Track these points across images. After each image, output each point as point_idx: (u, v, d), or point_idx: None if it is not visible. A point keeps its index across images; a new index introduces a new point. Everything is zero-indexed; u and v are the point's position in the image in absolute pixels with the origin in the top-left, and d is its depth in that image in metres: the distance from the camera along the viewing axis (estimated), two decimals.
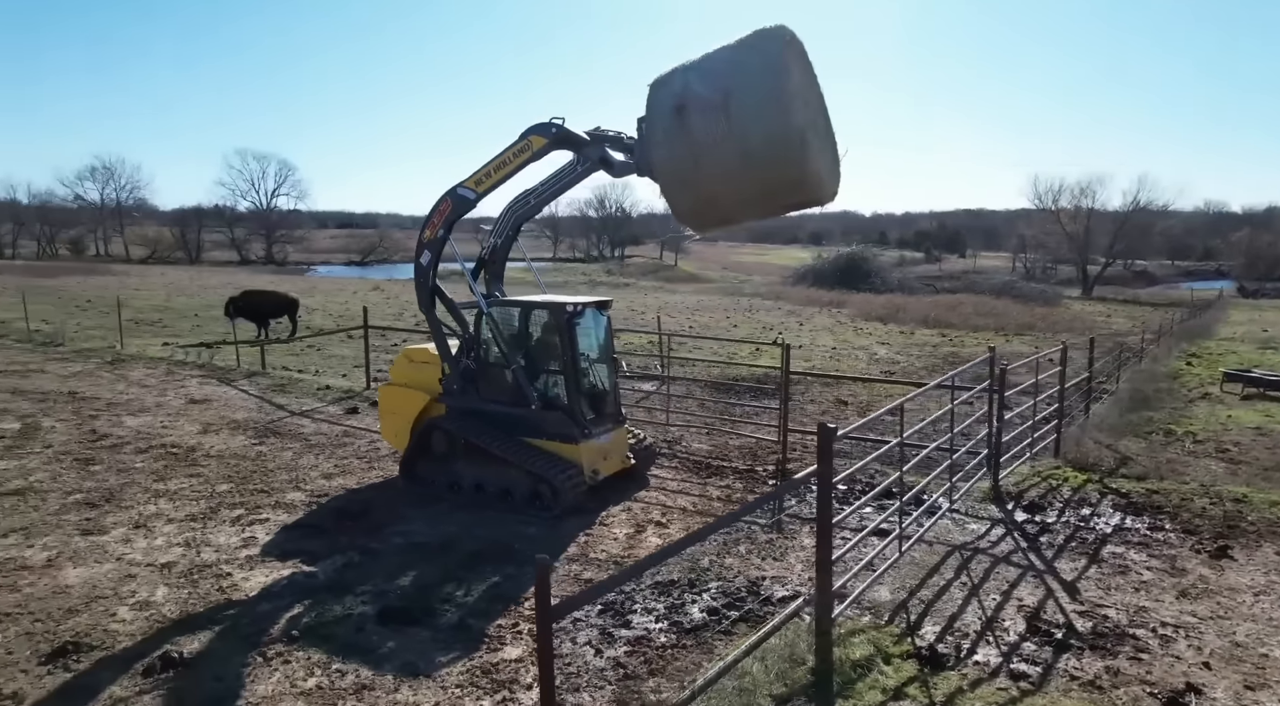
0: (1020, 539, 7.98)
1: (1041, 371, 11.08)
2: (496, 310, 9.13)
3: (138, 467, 9.81)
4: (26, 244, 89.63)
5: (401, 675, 5.30)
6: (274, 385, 15.25)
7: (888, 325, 32.59)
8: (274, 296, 24.08)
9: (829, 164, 7.66)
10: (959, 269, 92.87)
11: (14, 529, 7.82)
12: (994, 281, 59.66)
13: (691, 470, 10.37)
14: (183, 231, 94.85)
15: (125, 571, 6.89)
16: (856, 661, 5.35)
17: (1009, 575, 7.07)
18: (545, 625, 3.56)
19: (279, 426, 12.09)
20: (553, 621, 3.63)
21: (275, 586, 6.68)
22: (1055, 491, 9.51)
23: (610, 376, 9.55)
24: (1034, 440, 10.73)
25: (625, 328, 24.49)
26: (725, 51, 7.35)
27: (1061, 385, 11.46)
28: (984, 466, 9.37)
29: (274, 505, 8.61)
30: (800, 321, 33.66)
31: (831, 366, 20.31)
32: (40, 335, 21.58)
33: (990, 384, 9.13)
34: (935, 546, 7.63)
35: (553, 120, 8.46)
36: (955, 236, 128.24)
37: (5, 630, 5.91)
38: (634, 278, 75.73)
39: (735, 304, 44.77)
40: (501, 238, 9.42)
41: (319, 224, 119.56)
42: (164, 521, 8.05)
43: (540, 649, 3.55)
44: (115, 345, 19.88)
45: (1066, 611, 6.40)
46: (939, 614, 6.29)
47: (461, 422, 9.07)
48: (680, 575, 6.99)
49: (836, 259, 65.83)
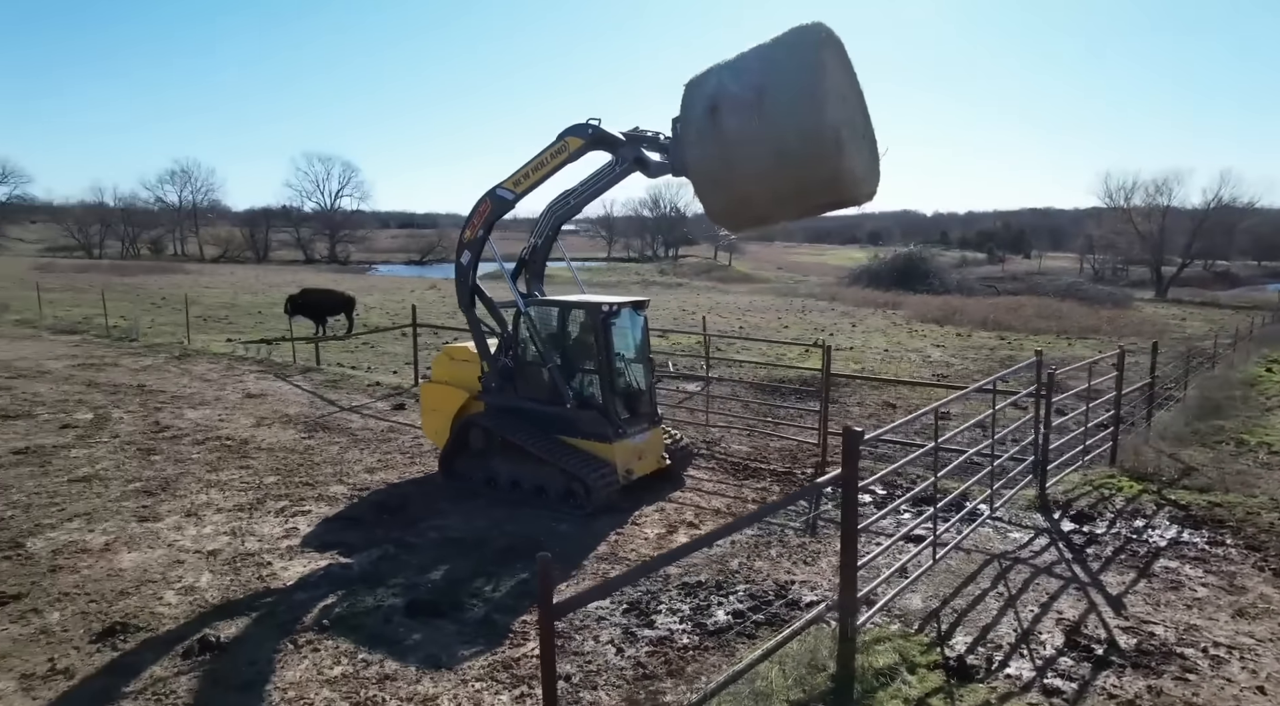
0: (1065, 549, 7.68)
1: (1100, 376, 10.66)
2: (534, 309, 9.23)
3: (194, 458, 10.24)
4: (112, 244, 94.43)
5: (424, 667, 5.41)
6: (327, 381, 15.74)
7: (944, 327, 31.78)
8: (331, 295, 24.85)
9: (866, 163, 7.51)
10: (1022, 270, 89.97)
11: (79, 514, 8.26)
12: (1059, 283, 57.58)
13: (729, 472, 10.30)
14: (251, 231, 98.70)
15: (174, 557, 7.21)
16: (879, 670, 5.24)
17: (1050, 587, 6.82)
18: (547, 623, 3.58)
19: (328, 421, 12.47)
20: (554, 619, 3.65)
21: (312, 576, 6.89)
22: (1107, 501, 9.13)
23: (646, 376, 9.56)
24: (1086, 447, 10.32)
25: (675, 328, 24.51)
26: (760, 50, 7.28)
27: (1118, 390, 10.99)
28: (1030, 473, 9.06)
29: (317, 497, 8.89)
30: (853, 323, 33.10)
31: (883, 369, 19.91)
32: (117, 331, 22.72)
33: (1037, 389, 8.81)
34: (973, 554, 7.41)
35: (589, 121, 8.51)
36: (1019, 236, 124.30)
37: (63, 609, 6.25)
38: (687, 277, 75.59)
39: (788, 304, 44.27)
40: (541, 238, 9.53)
41: (381, 224, 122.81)
42: (213, 511, 8.39)
43: (542, 646, 3.58)
44: (183, 341, 20.81)
45: (1109, 626, 6.14)
46: (972, 624, 6.11)
47: (499, 420, 9.21)
48: (708, 577, 6.95)
49: (894, 259, 64.44)
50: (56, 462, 10.01)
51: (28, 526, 7.92)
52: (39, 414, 12.61)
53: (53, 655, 5.56)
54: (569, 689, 5.21)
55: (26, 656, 5.55)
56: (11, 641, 5.76)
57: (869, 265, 67.34)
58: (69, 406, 13.15)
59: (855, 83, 7.61)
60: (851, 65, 7.53)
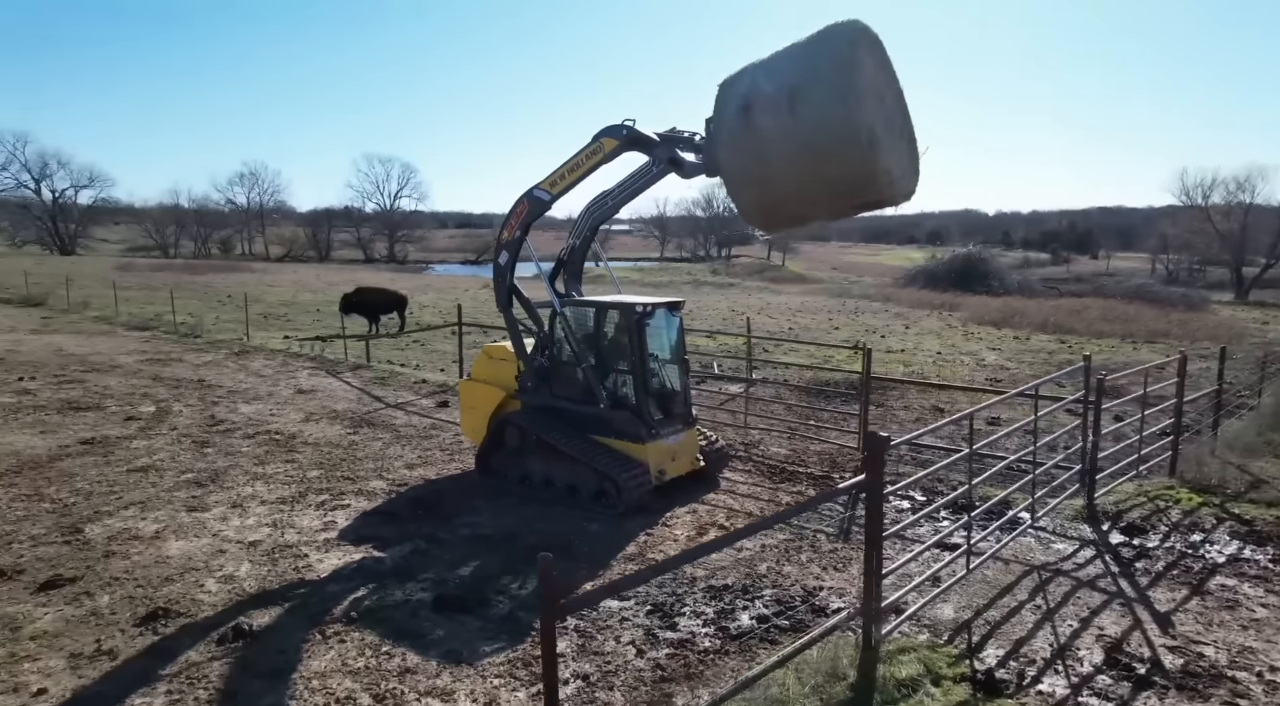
0: (1112, 562, 7.37)
1: (1163, 381, 10.19)
2: (570, 309, 9.28)
3: (243, 452, 10.62)
4: (186, 244, 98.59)
5: (445, 661, 5.50)
6: (375, 378, 16.13)
7: (1001, 330, 30.79)
8: (385, 293, 25.45)
9: (904, 162, 7.33)
10: (1088, 271, 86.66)
11: (134, 502, 8.65)
12: (1127, 284, 55.21)
13: (765, 474, 10.19)
14: (314, 231, 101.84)
15: (218, 547, 7.49)
16: (902, 680, 5.10)
17: (1092, 601, 6.55)
18: (549, 622, 3.59)
19: (373, 417, 12.78)
20: (555, 619, 3.66)
21: (345, 569, 7.07)
22: (1162, 513, 8.72)
23: (681, 377, 9.52)
24: (1142, 456, 9.87)
25: (722, 330, 24.36)
26: (794, 48, 7.17)
27: (1179, 397, 10.48)
28: (1078, 482, 8.72)
29: (356, 492, 9.12)
30: (906, 324, 32.36)
31: (935, 372, 19.42)
32: (184, 327, 23.73)
33: (1085, 394, 8.47)
34: (1011, 565, 7.16)
35: (624, 122, 8.52)
36: (1086, 236, 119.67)
37: (113, 593, 6.56)
38: (739, 277, 75.01)
39: (840, 305, 43.54)
40: (579, 238, 9.59)
41: (439, 224, 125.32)
42: (258, 503, 8.68)
43: (544, 646, 3.59)
44: (242, 337, 21.61)
45: (1154, 645, 5.87)
46: (1004, 637, 5.91)
47: (533, 419, 9.30)
48: (735, 580, 6.88)
49: (951, 259, 62.66)
50: (119, 453, 10.50)
51: (88, 513, 8.33)
52: (107, 406, 13.25)
53: (100, 636, 5.83)
54: (585, 687, 5.23)
55: (76, 637, 5.84)
56: (65, 622, 6.07)
57: (926, 265, 65.69)
58: (134, 399, 13.78)
59: (894, 80, 7.44)
60: (890, 62, 7.36)
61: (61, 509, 8.44)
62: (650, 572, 4.75)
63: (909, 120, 7.63)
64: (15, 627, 5.96)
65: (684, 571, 6.99)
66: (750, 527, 5.27)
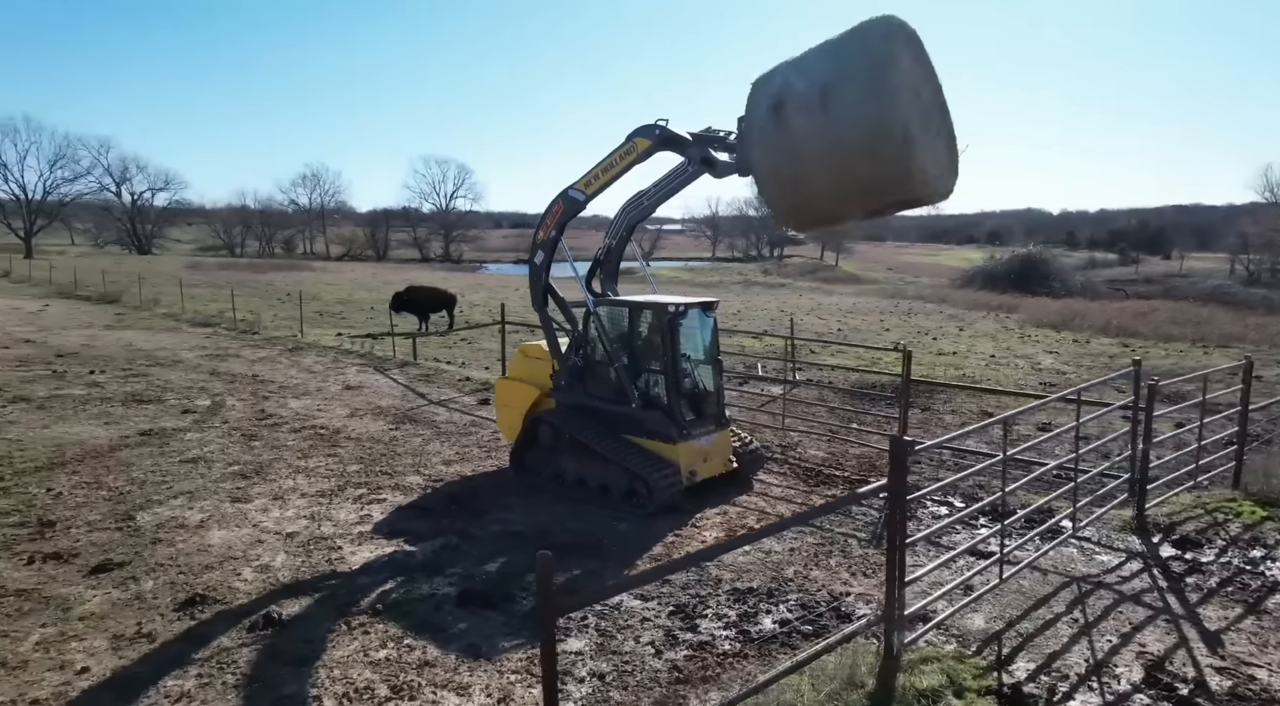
0: (1160, 576, 7.04)
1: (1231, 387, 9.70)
2: (603, 309, 9.31)
3: (289, 446, 10.95)
4: (252, 244, 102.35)
5: (464, 656, 5.57)
6: (421, 375, 16.45)
7: (1060, 332, 29.75)
8: (434, 292, 25.96)
9: (941, 160, 7.12)
10: (1160, 271, 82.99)
11: (183, 492, 9.00)
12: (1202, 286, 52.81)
13: (800, 477, 10.05)
14: (372, 231, 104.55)
15: (257, 537, 7.73)
16: (922, 691, 4.96)
17: (1135, 616, 6.26)
18: (549, 620, 3.60)
19: (416, 413, 13.03)
20: (555, 617, 3.67)
21: (376, 562, 7.23)
22: (1220, 527, 8.30)
23: (715, 378, 9.45)
24: (1201, 466, 9.40)
25: (770, 331, 24.11)
26: (828, 44, 7.04)
27: (1244, 404, 9.94)
28: (1127, 491, 8.35)
29: (393, 487, 9.31)
30: (960, 326, 31.54)
31: (987, 375, 18.87)
32: (243, 324, 24.60)
33: (1135, 400, 8.11)
34: (1050, 576, 6.90)
35: (657, 122, 8.50)
36: (1158, 235, 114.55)
37: (157, 578, 6.83)
38: (791, 278, 74.22)
39: (893, 307, 42.68)
40: (615, 239, 9.62)
41: (494, 224, 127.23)
42: (298, 495, 8.94)
43: (544, 643, 3.60)
44: (297, 334, 22.29)
45: (1200, 665, 5.58)
46: (1037, 650, 5.70)
47: (567, 417, 9.35)
48: (760, 583, 6.80)
49: (1010, 260, 60.88)
50: (173, 444, 10.94)
51: (140, 501, 8.69)
52: (167, 399, 13.83)
53: (141, 619, 6.08)
54: (600, 686, 5.23)
55: (120, 619, 6.10)
56: (111, 604, 6.35)
57: (984, 266, 63.96)
58: (192, 393, 14.34)
59: (932, 75, 7.24)
60: (928, 58, 7.17)
61: (117, 496, 8.84)
62: (652, 574, 4.73)
63: (948, 117, 7.43)
64: (66, 608, 6.26)
65: (709, 573, 6.94)
66: (763, 530, 5.23)
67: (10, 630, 5.92)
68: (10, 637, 5.81)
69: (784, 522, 6.02)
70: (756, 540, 6.97)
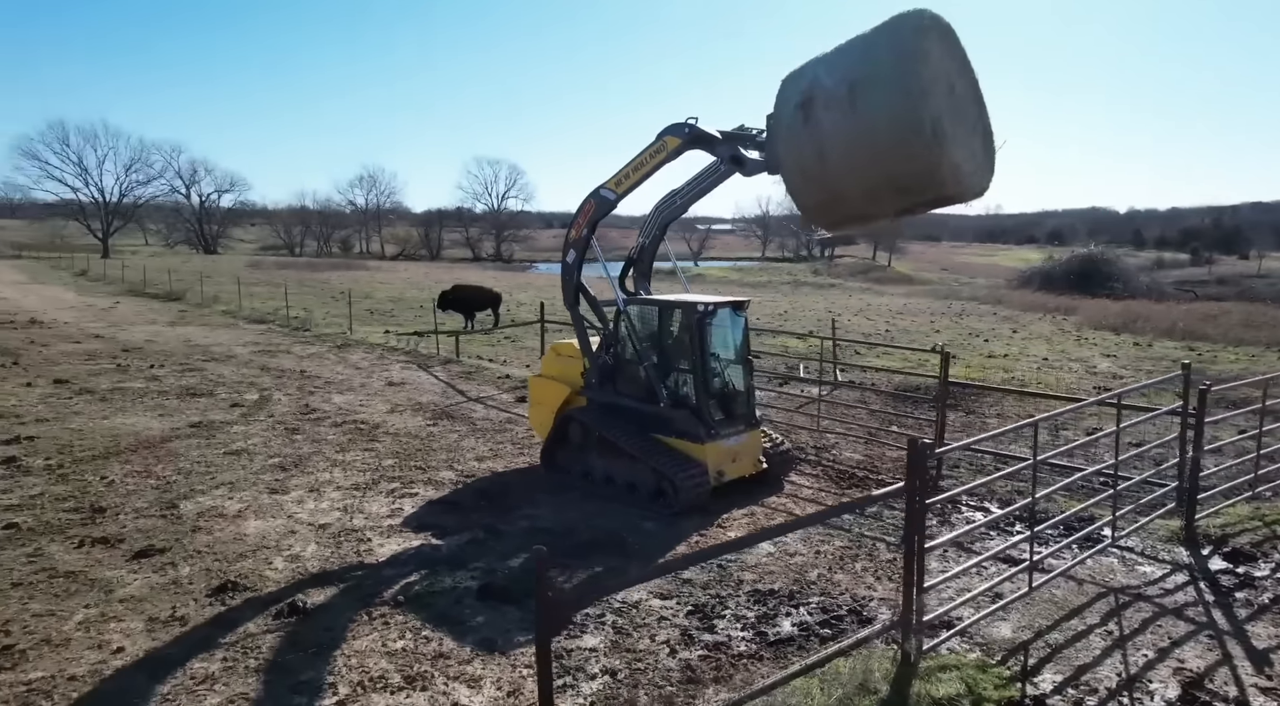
0: (1207, 590, 6.71)
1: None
2: (633, 308, 9.31)
3: (328, 440, 11.23)
4: (310, 244, 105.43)
5: (478, 648, 5.62)
6: (462, 372, 16.71)
7: (1120, 335, 28.61)
8: (481, 291, 26.33)
9: (975, 157, 6.92)
10: (1234, 272, 79.24)
11: (224, 482, 9.31)
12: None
13: (833, 479, 9.89)
14: (426, 231, 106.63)
15: (290, 528, 7.95)
16: (938, 699, 4.82)
17: (1175, 631, 5.99)
18: (547, 619, 3.61)
19: (454, 410, 13.24)
20: (550, 612, 3.67)
21: (403, 554, 7.36)
22: (1279, 540, 7.88)
23: (745, 378, 9.37)
24: (1260, 476, 8.93)
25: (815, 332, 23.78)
26: (857, 40, 6.92)
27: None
28: (1175, 500, 7.99)
29: (426, 481, 9.47)
30: (1014, 328, 30.61)
31: (1039, 379, 18.28)
32: (295, 322, 25.35)
33: (1184, 406, 7.76)
34: (1085, 586, 6.64)
35: (687, 120, 8.46)
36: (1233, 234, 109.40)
37: (193, 564, 7.08)
38: (841, 278, 73.11)
39: (945, 308, 41.67)
40: (649, 238, 9.62)
41: (544, 224, 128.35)
42: (333, 488, 9.16)
43: (538, 642, 3.61)
44: (346, 331, 22.86)
45: (1243, 684, 5.30)
46: (1065, 662, 5.49)
47: (596, 415, 9.37)
48: (782, 585, 6.71)
49: (1070, 260, 58.79)
50: (219, 436, 11.33)
51: (185, 490, 9.02)
52: (218, 393, 14.33)
53: (175, 603, 6.31)
54: (611, 683, 5.23)
55: (157, 602, 6.34)
56: (150, 588, 6.60)
57: (1042, 266, 61.94)
58: (242, 387, 14.84)
59: (968, 71, 7.04)
60: (963, 52, 6.98)
61: (164, 485, 9.19)
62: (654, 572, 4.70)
63: (985, 112, 7.22)
64: (109, 591, 6.54)
65: (730, 574, 6.87)
66: (764, 531, 5.13)
67: (57, 609, 6.21)
68: (56, 616, 6.09)
69: (795, 522, 5.93)
70: (756, 541, 6.88)
